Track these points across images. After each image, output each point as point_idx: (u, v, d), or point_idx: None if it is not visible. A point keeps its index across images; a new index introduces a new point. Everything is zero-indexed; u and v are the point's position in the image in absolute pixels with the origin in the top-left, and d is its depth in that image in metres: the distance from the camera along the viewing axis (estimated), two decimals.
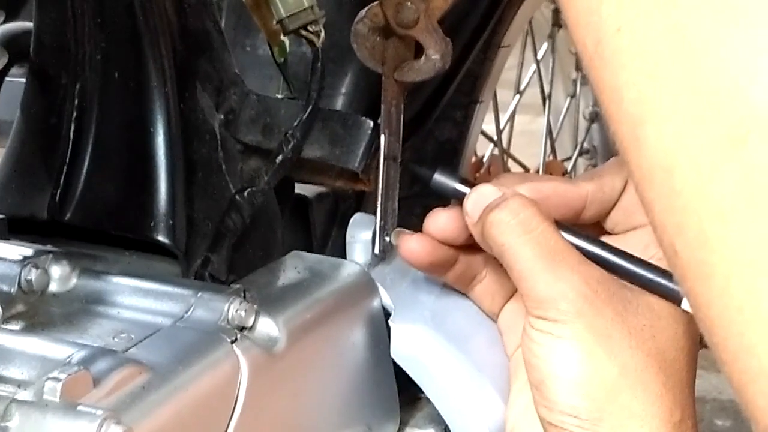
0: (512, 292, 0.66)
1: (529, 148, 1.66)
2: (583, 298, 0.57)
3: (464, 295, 0.68)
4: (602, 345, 0.57)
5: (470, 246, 0.64)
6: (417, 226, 0.65)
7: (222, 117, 0.67)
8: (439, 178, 0.65)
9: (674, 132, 0.33)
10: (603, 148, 1.73)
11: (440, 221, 0.64)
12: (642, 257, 0.61)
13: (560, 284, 0.58)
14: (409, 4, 0.67)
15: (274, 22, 0.69)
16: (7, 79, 0.71)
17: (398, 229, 0.67)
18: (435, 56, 0.69)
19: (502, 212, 0.59)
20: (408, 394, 0.71)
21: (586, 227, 0.64)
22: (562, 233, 0.60)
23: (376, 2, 0.68)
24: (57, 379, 0.49)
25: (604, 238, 0.64)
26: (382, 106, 0.69)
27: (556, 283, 0.58)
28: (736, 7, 0.31)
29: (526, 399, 0.61)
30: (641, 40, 0.34)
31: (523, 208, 0.59)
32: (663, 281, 0.59)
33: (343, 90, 0.80)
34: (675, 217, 0.34)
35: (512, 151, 1.48)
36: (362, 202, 0.80)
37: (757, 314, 0.32)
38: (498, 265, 0.61)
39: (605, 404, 0.56)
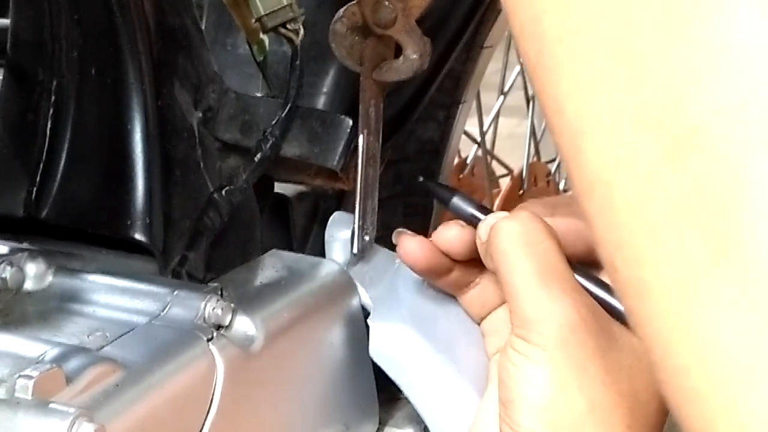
0: (503, 301, 0.65)
1: (516, 151, 1.65)
2: (569, 326, 0.56)
3: (445, 294, 0.68)
4: (576, 378, 0.56)
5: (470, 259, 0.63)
6: (399, 226, 0.65)
7: (200, 114, 0.67)
8: (458, 202, 0.65)
9: (613, 146, 0.32)
10: None
11: (450, 234, 0.63)
12: None
13: (550, 306, 0.57)
14: (387, 3, 0.66)
15: (253, 20, 0.69)
16: None
17: (399, 229, 0.67)
18: (414, 56, 0.68)
19: (510, 222, 0.59)
20: (387, 393, 0.70)
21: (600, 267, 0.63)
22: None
23: (353, 1, 0.67)
24: (29, 377, 0.49)
25: None
26: (360, 106, 0.69)
27: (546, 305, 0.57)
28: (677, 20, 0.30)
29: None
30: (582, 52, 0.33)
31: (531, 221, 0.59)
32: None
33: (324, 89, 0.80)
34: (614, 232, 0.33)
35: (499, 154, 1.48)
36: (343, 201, 0.80)
37: (690, 334, 0.31)
38: (494, 277, 0.61)
39: None
